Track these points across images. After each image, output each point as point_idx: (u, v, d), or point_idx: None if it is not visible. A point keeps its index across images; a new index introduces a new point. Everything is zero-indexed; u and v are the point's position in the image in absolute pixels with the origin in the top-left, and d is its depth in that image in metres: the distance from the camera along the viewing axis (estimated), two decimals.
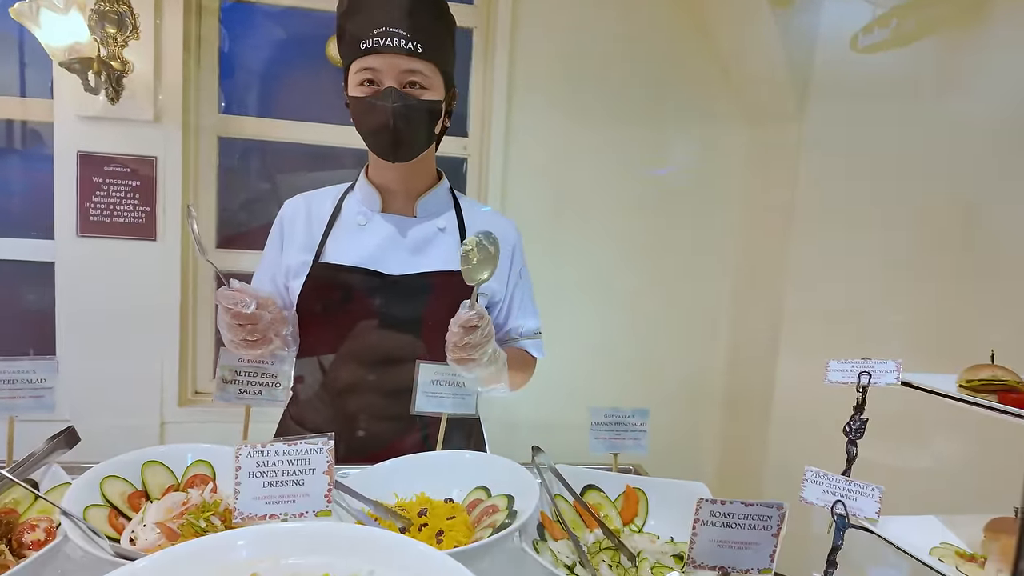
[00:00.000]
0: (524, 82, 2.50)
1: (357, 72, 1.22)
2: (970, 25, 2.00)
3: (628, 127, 2.60)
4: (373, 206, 1.35)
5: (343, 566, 0.76)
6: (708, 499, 0.83)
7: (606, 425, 1.24)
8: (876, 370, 1.18)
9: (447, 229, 1.39)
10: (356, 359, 1.31)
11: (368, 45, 1.19)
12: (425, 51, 1.21)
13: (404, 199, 1.36)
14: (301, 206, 1.37)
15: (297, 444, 0.85)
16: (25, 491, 0.96)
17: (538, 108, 2.52)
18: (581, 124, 2.56)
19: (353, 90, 1.24)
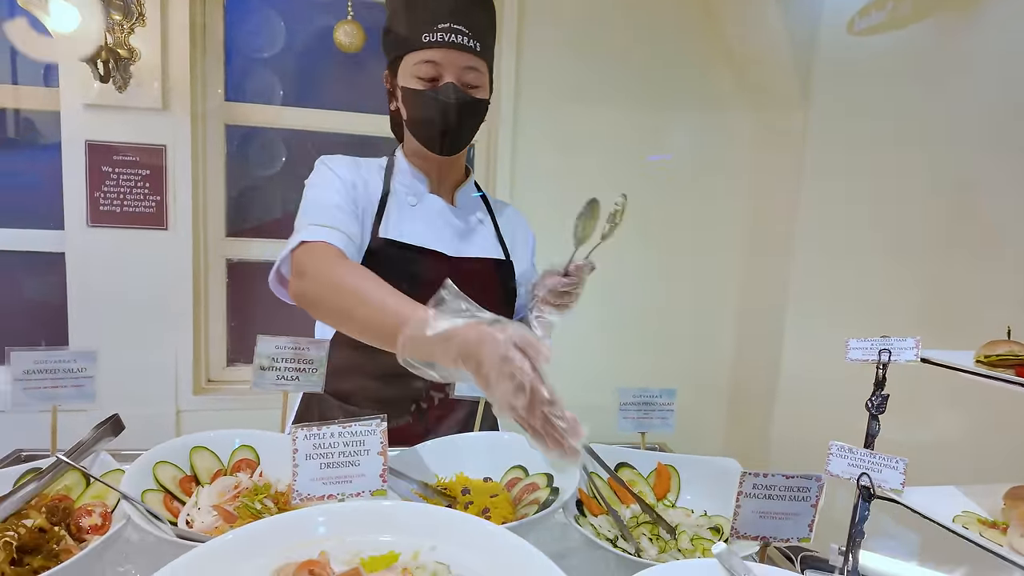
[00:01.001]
0: (531, 69, 2.50)
1: (416, 64, 1.22)
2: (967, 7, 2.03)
3: (635, 113, 2.61)
4: (419, 189, 1.36)
5: (406, 543, 0.79)
6: (751, 472, 0.86)
7: (634, 405, 1.27)
8: (895, 347, 1.22)
9: (484, 221, 1.44)
10: None
11: (432, 39, 1.19)
12: (482, 50, 1.24)
13: (444, 188, 1.39)
14: (351, 168, 1.32)
15: (352, 426, 0.88)
16: (77, 478, 0.97)
17: (545, 95, 2.53)
18: (588, 110, 2.57)
19: (409, 81, 1.24)
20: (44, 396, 1.06)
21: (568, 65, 2.55)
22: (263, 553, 0.74)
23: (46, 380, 1.07)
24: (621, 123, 2.61)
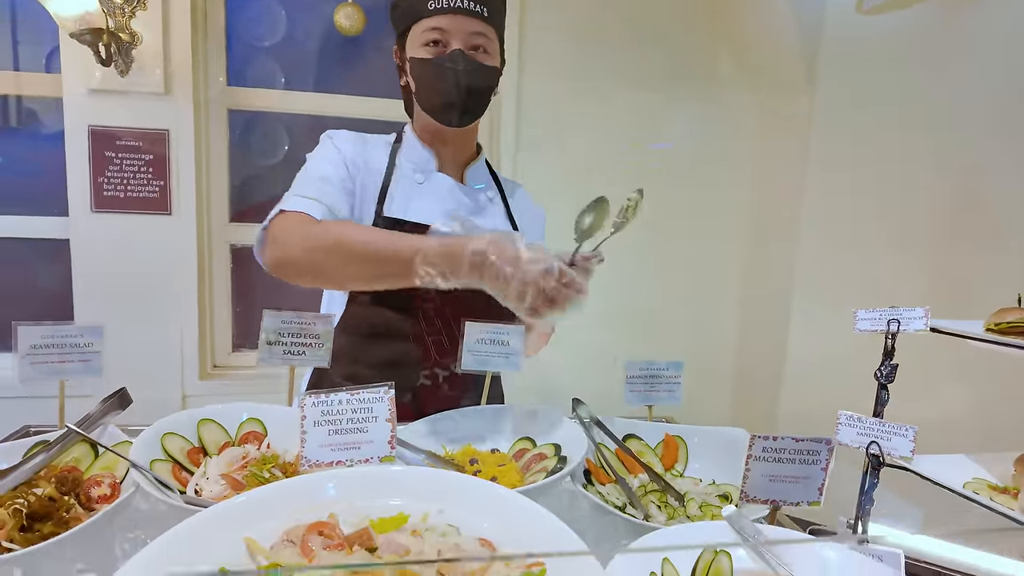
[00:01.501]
0: (534, 52, 2.48)
1: (423, 32, 1.21)
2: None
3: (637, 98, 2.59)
4: (428, 166, 1.34)
5: (415, 506, 0.79)
6: (760, 435, 0.86)
7: (641, 378, 1.26)
8: (904, 317, 1.21)
9: (494, 200, 1.42)
10: (422, 317, 1.31)
11: (437, 5, 1.18)
12: (490, 15, 1.22)
13: (453, 166, 1.37)
14: (356, 144, 1.31)
15: (360, 393, 0.87)
16: (85, 450, 0.97)
17: (547, 78, 2.51)
18: (590, 93, 2.56)
19: (416, 51, 1.23)
20: (51, 371, 1.06)
21: (570, 49, 2.53)
22: (273, 516, 0.74)
23: (53, 355, 1.07)
24: (622, 108, 2.59)
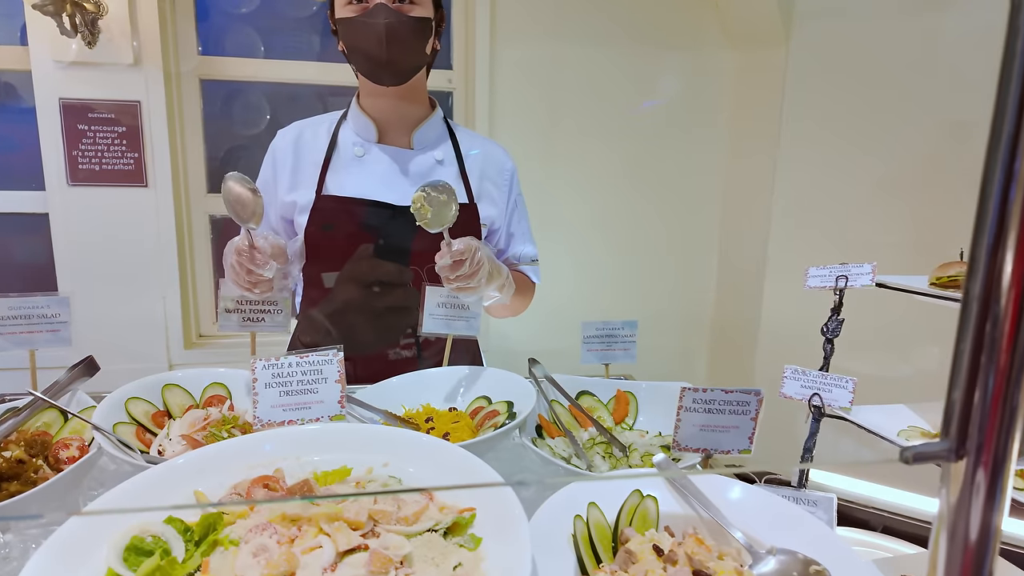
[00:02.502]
0: (507, 10, 2.45)
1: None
2: None
3: (615, 53, 2.57)
4: (369, 136, 1.36)
5: (360, 460, 0.83)
6: (691, 387, 0.90)
7: (597, 338, 1.30)
8: (852, 273, 1.24)
9: (445, 161, 1.41)
10: (365, 288, 1.35)
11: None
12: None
13: (399, 130, 1.37)
14: (295, 138, 1.37)
15: (309, 356, 0.91)
16: (55, 415, 1.02)
17: (523, 36, 2.49)
18: (567, 52, 2.53)
19: (340, 11, 1.23)
20: (21, 341, 1.10)
21: (546, 7, 2.50)
22: (222, 471, 0.79)
23: (21, 325, 1.10)
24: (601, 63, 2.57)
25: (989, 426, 0.47)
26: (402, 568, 0.63)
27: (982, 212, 0.45)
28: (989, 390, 0.46)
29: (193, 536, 0.68)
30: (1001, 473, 0.47)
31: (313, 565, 0.60)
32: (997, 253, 0.44)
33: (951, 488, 0.49)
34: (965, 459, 0.47)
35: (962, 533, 0.48)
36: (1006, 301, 0.45)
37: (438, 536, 0.70)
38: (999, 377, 0.46)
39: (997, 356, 0.45)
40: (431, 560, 0.66)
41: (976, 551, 0.48)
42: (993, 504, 0.48)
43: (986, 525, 0.48)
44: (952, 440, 0.47)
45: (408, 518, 0.71)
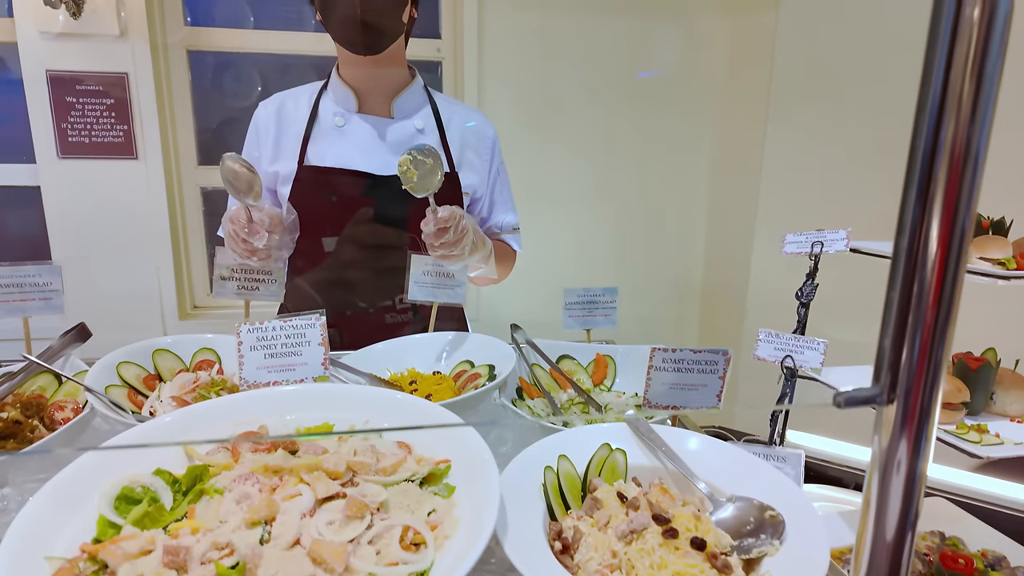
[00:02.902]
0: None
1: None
2: None
3: (603, 22, 2.55)
4: (349, 106, 1.37)
5: (341, 418, 0.87)
6: (660, 347, 0.93)
7: (578, 304, 1.33)
8: (828, 239, 1.27)
9: (425, 129, 1.42)
10: (349, 257, 1.38)
11: None
12: None
13: (379, 99, 1.38)
14: (277, 108, 1.38)
15: (292, 320, 0.94)
16: (49, 380, 1.05)
17: (511, 5, 2.47)
18: (556, 21, 2.52)
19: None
20: (14, 309, 1.13)
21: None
22: (209, 428, 0.82)
23: (14, 293, 1.13)
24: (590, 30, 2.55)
25: (917, 371, 0.50)
26: (379, 514, 0.67)
27: (910, 172, 0.47)
28: (917, 338, 0.49)
29: (181, 487, 0.72)
30: (928, 415, 0.51)
31: (292, 511, 0.64)
32: (924, 210, 0.47)
33: (883, 431, 0.52)
34: (895, 403, 0.51)
35: (893, 472, 0.52)
36: (933, 254, 0.47)
37: (414, 486, 0.73)
38: (926, 326, 0.49)
39: (924, 307, 0.49)
40: (406, 507, 0.70)
41: (905, 488, 0.52)
42: (921, 444, 0.51)
43: (914, 464, 0.51)
44: (883, 385, 0.50)
45: (386, 469, 0.75)
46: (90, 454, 0.72)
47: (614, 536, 0.69)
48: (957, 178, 0.46)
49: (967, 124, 0.44)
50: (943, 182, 0.46)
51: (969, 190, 0.46)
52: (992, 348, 1.05)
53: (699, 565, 0.65)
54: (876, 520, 0.52)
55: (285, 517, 0.63)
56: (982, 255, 1.03)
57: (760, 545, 0.68)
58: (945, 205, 0.46)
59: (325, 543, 0.61)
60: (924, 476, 0.52)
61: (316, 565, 0.59)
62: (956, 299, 0.48)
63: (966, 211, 0.47)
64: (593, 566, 0.67)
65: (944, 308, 0.48)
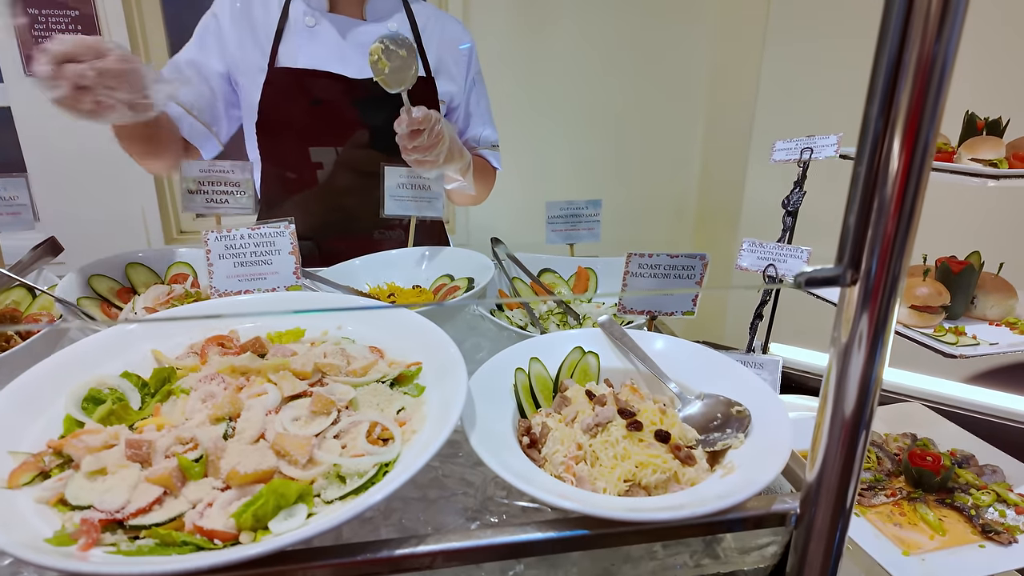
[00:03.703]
0: None
1: None
2: None
3: None
4: (319, 5, 1.29)
5: (315, 324, 0.87)
6: (636, 253, 0.91)
7: (561, 218, 1.30)
8: (818, 145, 1.23)
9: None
10: (324, 163, 1.34)
11: None
12: None
13: (350, 1, 1.31)
14: (244, 5, 1.29)
15: (260, 228, 0.92)
16: (23, 294, 1.04)
17: None
18: None
19: None
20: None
21: None
22: (180, 333, 0.82)
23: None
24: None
25: (882, 252, 0.48)
26: (347, 411, 0.68)
27: (883, 31, 0.44)
28: (883, 216, 0.47)
29: (149, 389, 0.72)
30: (891, 298, 0.49)
31: (257, 407, 0.64)
32: (896, 75, 0.44)
33: (843, 317, 0.51)
34: (857, 284, 0.49)
35: (854, 352, 0.51)
36: (903, 125, 0.45)
37: (384, 386, 0.74)
38: (894, 203, 0.47)
39: (892, 183, 0.46)
40: (376, 405, 0.70)
41: (864, 374, 0.51)
42: (882, 328, 0.50)
43: (874, 349, 0.50)
44: (846, 265, 0.49)
45: (356, 371, 0.75)
46: (57, 357, 0.72)
47: (580, 430, 0.69)
48: (931, 43, 0.42)
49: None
50: (916, 46, 0.43)
51: (944, 57, 0.43)
52: (976, 252, 1.03)
53: (662, 456, 0.65)
54: (834, 403, 0.52)
55: (250, 413, 0.64)
56: (973, 156, 1.00)
57: (725, 438, 0.69)
58: (918, 73, 0.43)
59: (289, 436, 0.61)
60: (884, 360, 0.51)
61: (279, 457, 0.60)
62: (924, 176, 0.46)
63: (939, 82, 0.43)
64: (559, 458, 0.68)
65: (912, 184, 0.46)
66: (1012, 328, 0.99)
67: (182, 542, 0.52)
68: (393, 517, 0.65)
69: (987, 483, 0.94)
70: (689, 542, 0.65)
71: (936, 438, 1.07)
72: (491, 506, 0.68)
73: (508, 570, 0.62)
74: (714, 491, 0.61)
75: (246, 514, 0.53)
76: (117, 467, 0.58)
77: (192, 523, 0.54)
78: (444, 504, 0.67)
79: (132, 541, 0.53)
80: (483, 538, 0.55)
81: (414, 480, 0.71)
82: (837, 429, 0.53)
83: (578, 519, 0.57)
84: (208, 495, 0.57)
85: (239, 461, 0.58)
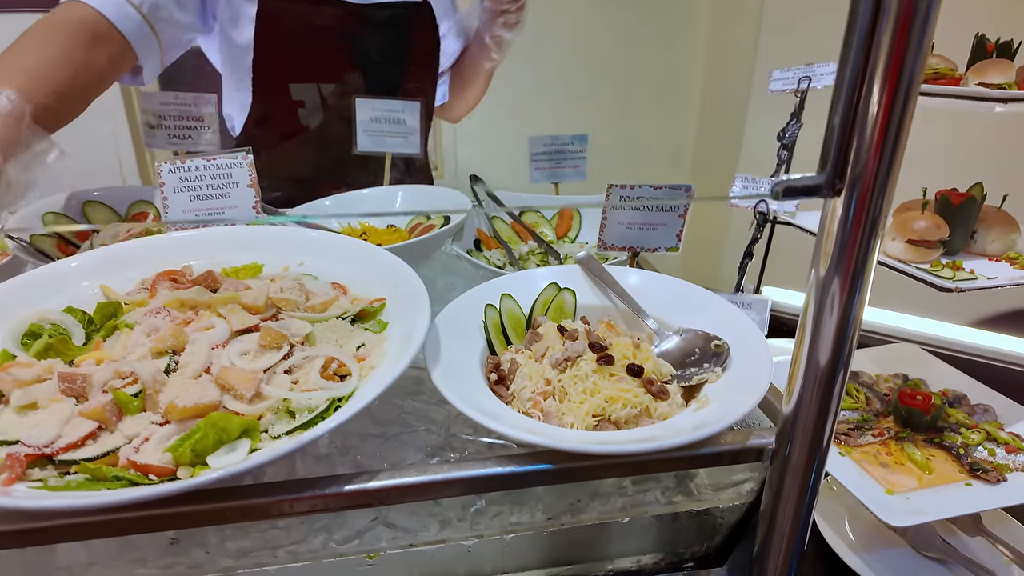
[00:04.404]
0: None
1: None
2: None
3: None
4: None
5: (275, 259, 0.82)
6: (618, 185, 0.86)
7: (545, 155, 1.25)
8: (816, 74, 1.15)
9: None
10: (322, 101, 1.26)
11: None
12: None
13: None
14: None
15: (216, 159, 0.86)
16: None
17: None
18: None
19: None
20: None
21: None
22: (133, 268, 0.77)
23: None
24: None
25: (870, 158, 0.43)
26: (301, 347, 0.64)
27: None
28: (872, 118, 0.42)
29: (95, 326, 0.68)
30: (879, 214, 0.45)
31: (202, 341, 0.60)
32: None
33: (826, 232, 0.46)
34: (841, 196, 0.44)
35: (834, 274, 0.46)
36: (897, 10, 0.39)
37: (345, 322, 0.70)
38: (885, 97, 0.41)
39: (883, 80, 0.41)
40: (335, 342, 0.66)
41: (846, 297, 0.47)
42: (867, 245, 0.45)
43: (859, 267, 0.46)
44: (829, 172, 0.44)
45: (315, 307, 0.71)
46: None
47: (549, 365, 0.66)
48: None
49: None
50: None
51: None
52: (979, 183, 0.97)
53: (633, 390, 0.62)
54: (814, 327, 0.48)
55: (194, 347, 0.60)
56: (981, 80, 0.93)
57: (701, 373, 0.66)
58: None
59: (234, 370, 0.57)
60: (868, 280, 0.47)
61: (224, 392, 0.56)
62: (921, 65, 0.40)
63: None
64: (526, 394, 0.64)
65: (907, 75, 0.40)
66: (1012, 263, 0.95)
67: (114, 477, 0.49)
68: (350, 454, 0.62)
69: (978, 422, 0.91)
70: (660, 478, 0.63)
71: (929, 379, 1.03)
72: (455, 443, 0.65)
73: (469, 506, 0.60)
74: (687, 423, 0.57)
75: (183, 448, 0.50)
76: (49, 401, 0.54)
77: (127, 458, 0.51)
78: (405, 441, 0.64)
79: (62, 477, 0.50)
80: (436, 473, 0.52)
81: (373, 417, 0.68)
82: (816, 354, 0.49)
83: (543, 453, 0.54)
84: (146, 430, 0.53)
85: (179, 395, 0.54)
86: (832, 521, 0.87)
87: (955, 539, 0.84)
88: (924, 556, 0.82)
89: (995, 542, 0.81)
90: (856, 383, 1.02)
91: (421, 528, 0.59)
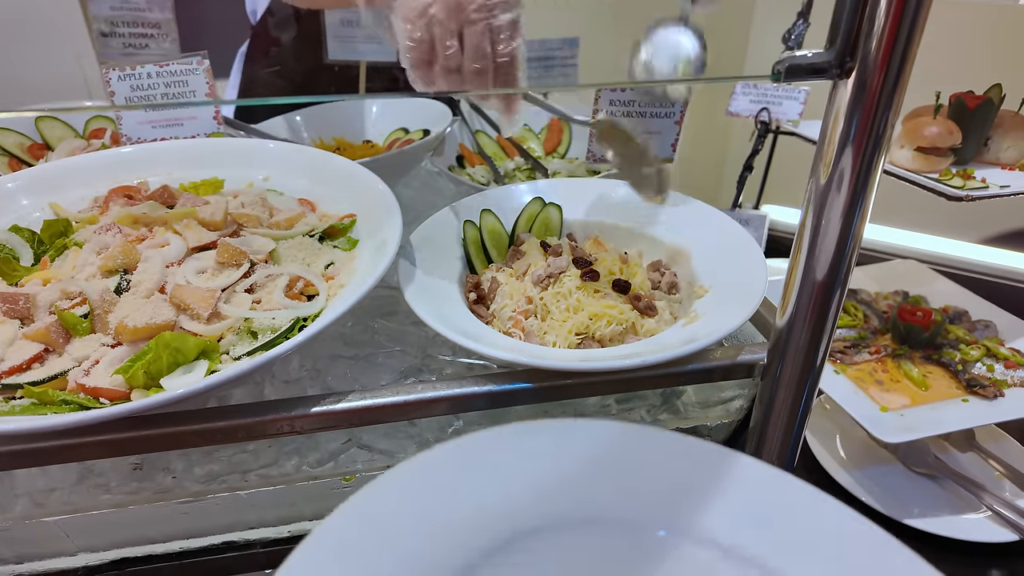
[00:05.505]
0: None
1: None
2: None
3: None
4: None
5: (238, 174, 0.77)
6: (608, 88, 0.79)
7: (534, 60, 1.16)
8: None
9: None
10: None
11: None
12: None
13: None
14: None
15: (170, 66, 0.79)
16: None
17: None
18: None
19: None
20: None
21: None
22: (86, 184, 0.72)
23: None
24: None
25: (888, 34, 0.37)
26: (264, 265, 0.59)
27: None
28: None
29: (44, 245, 0.64)
30: (893, 97, 0.39)
31: (156, 259, 0.56)
32: None
33: (832, 117, 0.40)
34: (851, 77, 0.39)
35: (840, 164, 0.41)
36: None
37: (313, 240, 0.65)
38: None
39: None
40: (301, 260, 0.62)
41: (853, 188, 0.42)
42: (879, 134, 0.40)
43: (867, 159, 0.41)
44: (838, 49, 0.38)
45: (280, 223, 0.66)
46: None
47: (531, 282, 0.62)
48: None
49: None
50: None
51: None
52: (998, 84, 0.90)
53: (619, 307, 0.58)
54: (813, 229, 0.43)
55: (147, 265, 0.55)
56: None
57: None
58: None
59: (189, 288, 0.53)
60: (876, 173, 0.42)
61: (179, 311, 0.52)
62: None
63: None
64: (507, 313, 0.61)
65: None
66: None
67: (61, 401, 0.46)
68: (320, 377, 0.59)
69: (978, 339, 0.88)
70: (646, 396, 0.60)
71: (930, 295, 1.00)
72: (433, 364, 0.62)
73: (447, 427, 0.57)
74: (675, 339, 0.54)
75: (134, 369, 0.46)
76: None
77: (75, 381, 0.47)
78: (379, 363, 0.61)
79: (7, 402, 0.47)
80: (408, 394, 0.49)
81: (345, 339, 0.65)
82: (814, 263, 0.45)
83: (523, 372, 0.51)
84: (96, 352, 0.50)
85: (129, 314, 0.50)
86: (823, 439, 0.86)
87: (947, 455, 0.83)
88: (915, 472, 0.81)
89: (987, 457, 0.80)
90: (854, 300, 0.98)
91: (398, 450, 0.57)
